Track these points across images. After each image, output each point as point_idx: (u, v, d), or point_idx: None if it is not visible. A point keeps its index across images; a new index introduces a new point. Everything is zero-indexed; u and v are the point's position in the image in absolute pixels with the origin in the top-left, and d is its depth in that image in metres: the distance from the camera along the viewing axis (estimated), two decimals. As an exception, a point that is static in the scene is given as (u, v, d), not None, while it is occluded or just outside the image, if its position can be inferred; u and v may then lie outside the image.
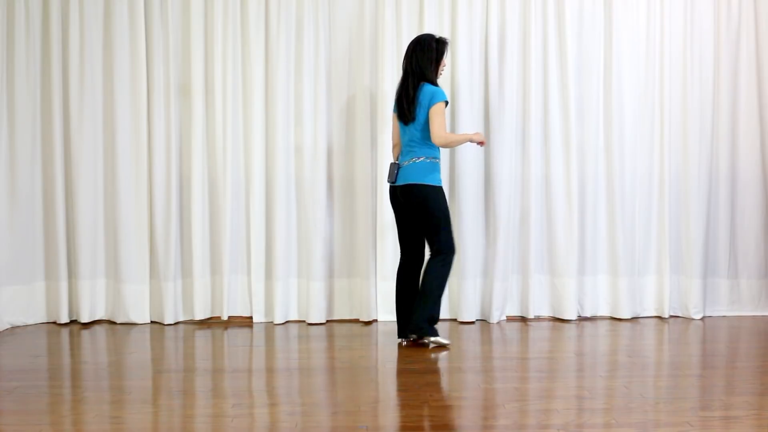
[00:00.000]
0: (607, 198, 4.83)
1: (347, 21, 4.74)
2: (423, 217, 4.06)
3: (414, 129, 4.06)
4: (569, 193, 4.75)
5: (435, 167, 4.08)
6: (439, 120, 3.97)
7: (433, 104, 3.98)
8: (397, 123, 4.21)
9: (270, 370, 3.74)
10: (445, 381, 3.54)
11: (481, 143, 4.15)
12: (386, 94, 4.68)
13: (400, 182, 4.10)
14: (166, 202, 4.69)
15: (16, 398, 3.22)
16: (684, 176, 4.84)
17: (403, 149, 4.15)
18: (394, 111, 4.21)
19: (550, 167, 4.78)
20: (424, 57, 4.06)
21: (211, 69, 4.68)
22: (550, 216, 4.78)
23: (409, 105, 4.04)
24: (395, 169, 4.11)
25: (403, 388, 3.38)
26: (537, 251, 4.81)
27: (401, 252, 4.26)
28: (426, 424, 2.94)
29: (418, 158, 4.05)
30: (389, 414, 3.03)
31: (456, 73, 4.71)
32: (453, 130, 4.72)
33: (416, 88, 4.04)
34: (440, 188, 4.07)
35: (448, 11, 4.73)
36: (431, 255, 4.10)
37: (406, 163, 4.09)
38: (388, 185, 4.67)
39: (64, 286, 4.67)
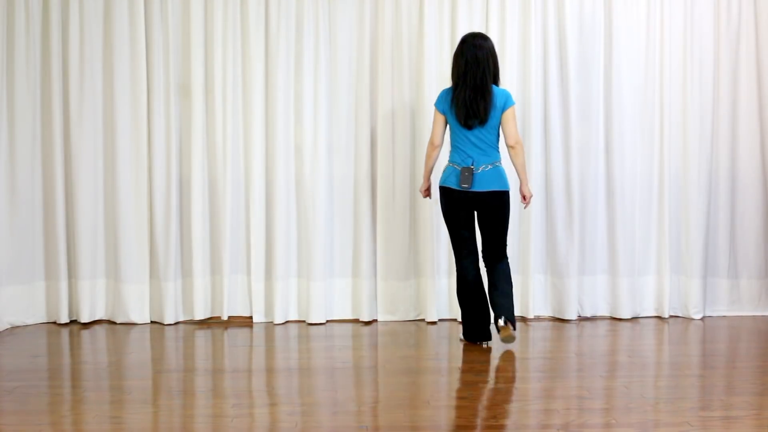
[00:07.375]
0: (607, 198, 4.82)
1: (347, 21, 4.73)
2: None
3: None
4: (569, 193, 4.75)
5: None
6: None
7: None
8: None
9: (270, 370, 3.74)
10: (445, 381, 3.54)
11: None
12: (386, 94, 4.67)
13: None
14: (166, 202, 4.68)
15: (16, 398, 3.22)
16: (684, 176, 4.83)
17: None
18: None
19: (550, 167, 4.77)
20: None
21: (211, 69, 4.68)
22: (550, 216, 4.78)
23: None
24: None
25: (403, 388, 3.38)
26: (537, 251, 4.80)
27: (467, 256, 4.12)
28: (426, 424, 2.94)
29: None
30: (389, 414, 3.03)
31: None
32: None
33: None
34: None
35: (448, 11, 4.73)
36: (502, 257, 4.08)
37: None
38: (392, 185, 4.68)
39: (64, 286, 4.66)
